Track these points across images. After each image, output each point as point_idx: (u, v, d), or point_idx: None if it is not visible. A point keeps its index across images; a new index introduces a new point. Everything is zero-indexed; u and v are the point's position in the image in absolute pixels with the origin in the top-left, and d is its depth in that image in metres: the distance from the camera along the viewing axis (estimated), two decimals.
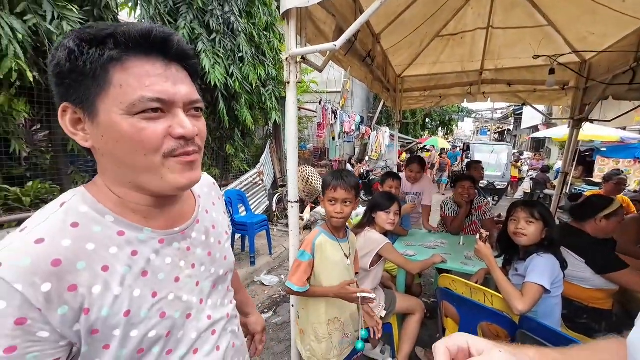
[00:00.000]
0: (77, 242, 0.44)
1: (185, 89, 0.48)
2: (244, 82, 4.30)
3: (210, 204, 0.68)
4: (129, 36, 0.43)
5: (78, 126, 0.47)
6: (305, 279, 1.21)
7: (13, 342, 0.38)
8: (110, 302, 0.45)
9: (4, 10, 2.03)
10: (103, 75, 0.43)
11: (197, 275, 0.58)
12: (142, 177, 0.48)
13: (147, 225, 0.52)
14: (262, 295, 3.11)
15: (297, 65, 1.22)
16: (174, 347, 0.53)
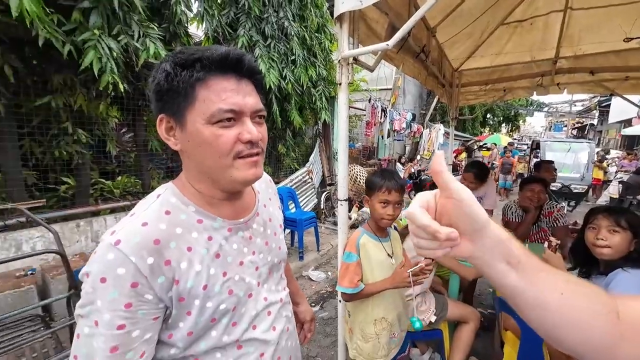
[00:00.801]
0: (169, 226, 0.55)
1: (252, 100, 0.57)
2: (296, 83, 4.46)
3: (267, 199, 0.77)
4: (211, 60, 0.52)
5: (170, 133, 0.57)
6: (356, 280, 1.22)
7: (130, 300, 0.48)
8: (193, 277, 0.55)
9: (104, 34, 2.44)
10: (191, 92, 0.53)
11: (256, 261, 0.66)
12: (217, 175, 0.57)
13: (219, 215, 0.61)
14: (310, 289, 3.21)
15: (348, 66, 1.24)
16: (238, 321, 0.62)
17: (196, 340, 0.57)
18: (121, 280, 0.48)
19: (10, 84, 2.37)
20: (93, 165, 3.48)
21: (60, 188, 3.16)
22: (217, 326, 0.59)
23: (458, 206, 0.35)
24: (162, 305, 0.52)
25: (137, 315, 0.49)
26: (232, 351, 0.61)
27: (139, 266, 0.49)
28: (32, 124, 2.69)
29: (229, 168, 0.56)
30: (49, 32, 2.13)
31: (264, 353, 0.65)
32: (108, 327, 0.47)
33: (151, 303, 0.51)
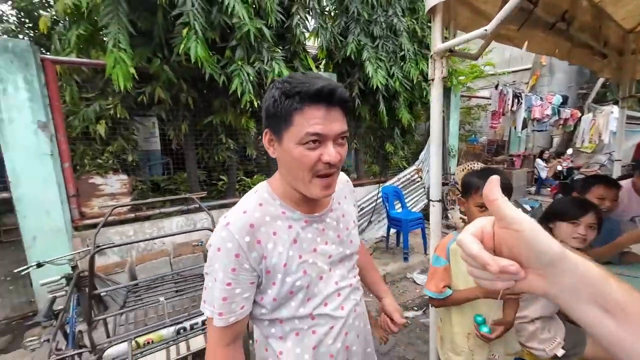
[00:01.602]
0: (261, 215, 0.72)
1: (337, 126, 0.66)
2: (404, 80, 4.34)
3: (342, 197, 0.87)
4: (308, 93, 0.63)
5: (271, 144, 0.72)
6: (442, 286, 1.15)
7: (234, 266, 0.67)
8: (276, 255, 0.71)
9: (244, 63, 3.12)
10: (289, 118, 0.65)
11: (328, 251, 0.78)
12: (297, 185, 0.71)
13: (298, 209, 0.75)
14: (413, 292, 3.11)
15: (442, 60, 1.18)
16: (312, 297, 0.75)
17: (279, 306, 0.73)
18: (229, 251, 0.66)
19: (190, 110, 3.36)
20: (239, 166, 4.48)
21: (218, 184, 4.23)
22: (294, 298, 0.73)
23: (517, 237, 0.32)
24: (255, 274, 0.70)
25: (239, 277, 0.68)
26: (307, 321, 0.75)
27: (240, 242, 0.66)
28: (202, 136, 3.72)
29: (307, 183, 0.68)
30: (211, 69, 2.90)
31: (334, 326, 0.77)
32: (221, 283, 0.67)
33: (248, 271, 0.68)
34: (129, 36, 2.57)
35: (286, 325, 0.75)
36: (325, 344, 0.76)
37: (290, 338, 0.75)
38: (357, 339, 0.82)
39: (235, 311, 0.69)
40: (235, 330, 0.71)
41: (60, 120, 2.65)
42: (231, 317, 0.68)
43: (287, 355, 0.75)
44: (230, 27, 2.98)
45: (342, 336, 0.78)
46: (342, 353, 0.78)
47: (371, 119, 4.77)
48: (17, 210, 2.48)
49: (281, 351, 0.75)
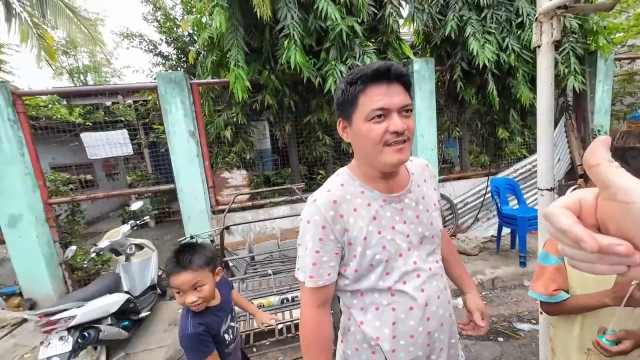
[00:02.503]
0: (343, 193, 0.79)
1: (398, 99, 0.71)
2: (523, 51, 3.63)
3: (422, 180, 0.88)
4: (368, 74, 0.71)
5: (345, 130, 0.81)
6: (552, 288, 0.97)
7: (321, 236, 0.76)
8: (357, 229, 0.77)
9: (338, 62, 3.29)
10: (355, 101, 0.73)
11: (406, 230, 0.80)
12: (372, 159, 0.76)
13: (376, 189, 0.80)
14: (531, 303, 2.62)
15: (553, 20, 0.97)
16: (390, 272, 0.78)
17: (360, 278, 0.79)
18: (317, 223, 0.76)
19: (292, 112, 3.79)
20: (336, 160, 4.74)
21: (317, 177, 4.60)
22: (374, 271, 0.78)
23: (627, 210, 0.25)
24: (339, 245, 0.78)
25: (325, 247, 0.77)
26: (387, 296, 0.79)
27: (325, 216, 0.76)
28: (303, 135, 4.13)
29: (379, 154, 0.73)
30: (308, 72, 3.19)
31: (413, 308, 0.78)
32: (311, 251, 0.77)
33: (333, 241, 0.77)
34: (245, 55, 3.12)
35: (366, 298, 0.80)
36: (405, 323, 0.78)
37: (370, 311, 0.80)
38: (440, 327, 0.81)
39: (323, 276, 0.77)
40: (324, 294, 0.80)
41: (202, 129, 3.46)
42: (320, 281, 0.77)
43: (367, 325, 0.80)
44: (325, 30, 3.20)
45: (424, 321, 0.79)
46: (422, 336, 0.79)
47: (478, 103, 4.20)
48: (179, 197, 3.40)
49: (362, 321, 0.80)
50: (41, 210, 3.18)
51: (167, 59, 6.23)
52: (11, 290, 3.26)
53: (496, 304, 2.70)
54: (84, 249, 3.66)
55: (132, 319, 2.56)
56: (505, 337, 2.22)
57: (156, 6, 6.00)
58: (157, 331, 2.69)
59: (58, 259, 3.26)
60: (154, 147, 6.21)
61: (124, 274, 2.75)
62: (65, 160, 7.15)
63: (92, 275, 3.52)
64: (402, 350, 0.78)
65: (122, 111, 5.91)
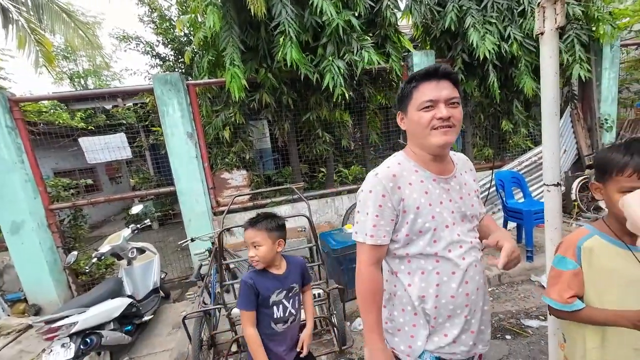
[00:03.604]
0: (400, 170, 0.93)
1: (445, 92, 0.87)
2: (525, 40, 3.53)
3: (464, 170, 1.04)
4: (420, 74, 0.90)
5: (402, 120, 0.98)
6: (568, 296, 0.91)
7: (380, 203, 0.89)
8: (412, 199, 0.90)
9: (335, 57, 3.23)
10: (410, 95, 0.91)
11: (452, 207, 0.94)
12: (422, 141, 0.92)
13: (428, 169, 0.95)
14: (539, 299, 2.56)
15: (557, 5, 0.91)
16: (438, 240, 0.91)
17: (409, 242, 0.92)
18: (378, 192, 0.90)
19: (291, 110, 3.73)
20: (338, 158, 4.69)
21: (318, 175, 4.55)
22: (423, 237, 0.90)
23: None
24: (395, 213, 0.91)
25: (384, 213, 0.90)
26: (432, 262, 0.91)
27: (385, 186, 0.89)
28: (302, 132, 4.08)
29: (428, 136, 0.89)
30: (305, 69, 3.13)
31: (455, 272, 0.90)
32: (372, 215, 0.90)
33: (390, 209, 0.90)
34: (240, 53, 3.07)
35: (413, 264, 0.93)
36: (447, 284, 0.90)
37: (417, 274, 0.93)
38: (476, 291, 0.93)
39: (380, 236, 0.91)
40: (379, 253, 0.93)
41: (200, 130, 3.42)
42: (378, 240, 0.91)
43: (414, 287, 0.93)
44: (321, 25, 3.13)
45: (463, 284, 0.91)
46: (461, 297, 0.91)
47: (480, 95, 4.11)
48: (180, 199, 3.38)
49: (410, 284, 0.93)
50: (43, 216, 3.18)
51: (164, 61, 6.20)
52: (16, 297, 3.28)
53: (503, 300, 2.65)
54: (87, 253, 3.67)
55: (136, 323, 2.55)
56: (513, 335, 2.17)
57: (152, 7, 5.96)
58: (161, 334, 2.68)
59: (61, 265, 3.26)
60: (155, 149, 6.22)
61: (126, 278, 2.74)
62: (68, 165, 7.19)
63: (97, 280, 3.53)
64: (443, 308, 0.91)
65: (123, 114, 5.91)
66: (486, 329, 0.99)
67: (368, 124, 4.42)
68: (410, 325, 0.96)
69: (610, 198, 0.87)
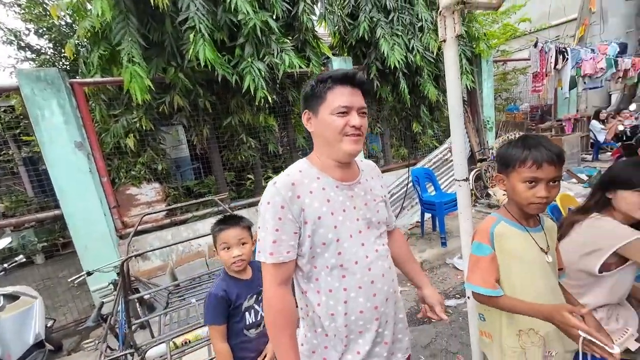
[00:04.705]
0: (301, 177, 0.88)
1: (358, 101, 0.87)
2: (426, 52, 4.01)
3: (370, 177, 1.01)
4: (337, 76, 0.86)
5: (309, 121, 0.92)
6: (492, 280, 0.98)
7: (280, 215, 0.82)
8: (313, 209, 0.85)
9: (254, 59, 3.08)
10: (324, 96, 0.86)
11: (356, 214, 0.91)
12: (332, 146, 0.88)
13: (331, 176, 0.91)
14: (454, 279, 2.91)
15: (455, 15, 1.00)
16: (342, 252, 0.87)
17: (314, 256, 0.87)
18: (276, 203, 0.83)
19: (209, 114, 3.42)
20: (266, 164, 4.50)
21: (247, 183, 4.30)
22: (327, 249, 0.86)
23: None
24: (297, 225, 0.84)
25: (284, 226, 0.83)
26: (339, 276, 0.87)
27: (284, 196, 0.83)
28: (225, 138, 3.78)
29: (339, 142, 0.86)
30: (222, 69, 2.90)
31: (362, 286, 0.88)
32: (271, 229, 0.83)
33: (291, 221, 0.83)
34: (142, 49, 2.65)
35: (321, 281, 0.88)
36: (355, 300, 0.88)
37: (324, 293, 0.88)
38: (386, 302, 0.92)
39: (282, 253, 0.83)
40: (284, 271, 0.86)
41: (94, 138, 2.84)
42: (280, 257, 0.83)
43: (322, 306, 0.89)
44: (237, 25, 2.95)
45: (371, 297, 0.89)
46: (370, 311, 0.89)
47: (394, 100, 4.51)
48: (69, 224, 2.73)
49: (319, 303, 0.89)
50: None
51: (39, 54, 5.01)
52: None
53: None
54: None
55: None
56: None
57: None
58: None
59: None
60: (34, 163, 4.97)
61: None
62: None
63: None
64: (353, 324, 0.89)
65: None
66: (403, 336, 1.00)
67: (295, 128, 4.39)
68: (323, 347, 0.92)
69: (513, 187, 0.97)
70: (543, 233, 1.01)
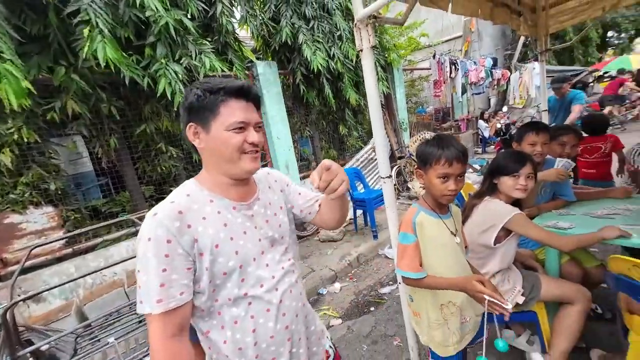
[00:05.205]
0: (189, 203, 0.76)
1: (255, 116, 0.81)
2: (345, 60, 4.28)
3: (267, 188, 0.94)
4: (232, 89, 0.77)
5: (197, 136, 0.79)
6: (417, 264, 1.11)
7: (167, 252, 0.69)
8: (208, 237, 0.74)
9: (169, 60, 2.81)
10: (216, 109, 0.76)
11: (257, 234, 0.83)
12: (229, 165, 0.78)
13: (227, 197, 0.82)
14: (387, 268, 3.17)
15: (368, 28, 1.10)
16: (246, 278, 0.79)
17: (216, 289, 0.76)
18: (160, 238, 0.69)
19: (117, 121, 2.98)
20: (192, 174, 4.14)
21: None
22: (230, 279, 0.77)
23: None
24: (190, 259, 0.72)
25: (174, 263, 0.69)
26: (244, 305, 0.79)
27: (169, 228, 0.69)
28: (139, 148, 3.35)
29: (237, 161, 0.78)
30: (130, 71, 2.57)
31: (270, 309, 0.81)
32: (156, 270, 0.68)
33: (182, 256, 0.71)
34: (14, 43, 2.16)
35: (225, 315, 0.78)
36: (264, 326, 0.81)
37: (229, 327, 0.79)
38: (296, 318, 0.87)
39: (175, 296, 0.69)
40: (179, 318, 0.70)
41: None
42: (171, 302, 0.68)
43: (230, 342, 0.79)
44: (146, 22, 2.65)
45: (280, 317, 0.83)
46: (281, 333, 0.83)
47: (320, 104, 4.69)
48: None
49: (225, 340, 0.79)
50: None
51: None
52: None
53: (363, 277, 3.10)
54: None
55: None
56: (375, 306, 2.56)
57: None
58: None
59: None
60: None
61: None
62: None
63: None
64: (265, 352, 0.82)
65: None
66: (318, 347, 0.96)
67: None
68: None
69: (430, 181, 1.11)
70: (452, 218, 1.18)
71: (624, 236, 1.29)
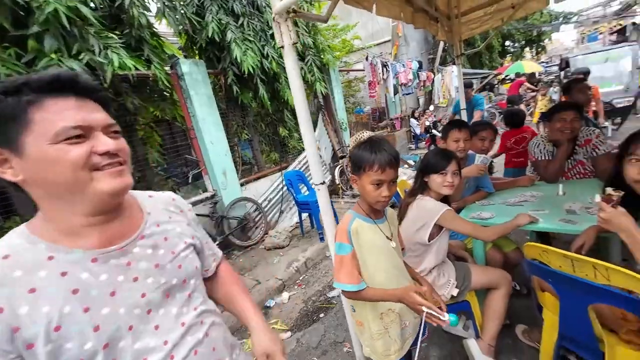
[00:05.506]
0: (6, 272, 0.51)
1: (100, 116, 0.57)
2: (280, 59, 4.16)
3: (165, 218, 0.70)
4: (41, 82, 0.52)
5: (5, 165, 0.53)
6: (356, 274, 1.05)
7: None
8: (40, 319, 0.50)
9: (63, 56, 2.34)
10: (24, 117, 0.51)
11: (139, 289, 0.60)
12: (75, 194, 0.54)
13: (79, 246, 0.56)
14: None
15: (288, 22, 1.00)
16: (118, 357, 0.56)
17: None
18: None
19: None
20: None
21: None
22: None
23: None
24: (13, 355, 0.50)
25: None
26: None
27: None
28: None
29: (88, 182, 0.54)
30: (8, 68, 2.06)
31: None
32: None
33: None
34: None
35: None
36: None
37: None
38: None
39: None
40: None
41: None
42: None
43: None
44: (27, 8, 2.16)
45: None
46: None
47: (257, 106, 4.48)
48: None
49: None
50: None
51: None
52: None
53: (312, 283, 3.02)
54: None
55: None
56: (324, 312, 2.49)
57: None
58: None
59: None
60: None
61: None
62: None
63: None
64: None
65: None
66: None
67: (145, 142, 3.68)
68: None
69: (363, 187, 1.06)
70: (387, 222, 1.16)
71: (533, 222, 1.45)
